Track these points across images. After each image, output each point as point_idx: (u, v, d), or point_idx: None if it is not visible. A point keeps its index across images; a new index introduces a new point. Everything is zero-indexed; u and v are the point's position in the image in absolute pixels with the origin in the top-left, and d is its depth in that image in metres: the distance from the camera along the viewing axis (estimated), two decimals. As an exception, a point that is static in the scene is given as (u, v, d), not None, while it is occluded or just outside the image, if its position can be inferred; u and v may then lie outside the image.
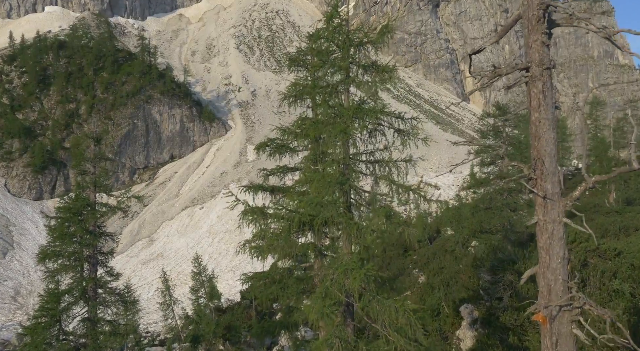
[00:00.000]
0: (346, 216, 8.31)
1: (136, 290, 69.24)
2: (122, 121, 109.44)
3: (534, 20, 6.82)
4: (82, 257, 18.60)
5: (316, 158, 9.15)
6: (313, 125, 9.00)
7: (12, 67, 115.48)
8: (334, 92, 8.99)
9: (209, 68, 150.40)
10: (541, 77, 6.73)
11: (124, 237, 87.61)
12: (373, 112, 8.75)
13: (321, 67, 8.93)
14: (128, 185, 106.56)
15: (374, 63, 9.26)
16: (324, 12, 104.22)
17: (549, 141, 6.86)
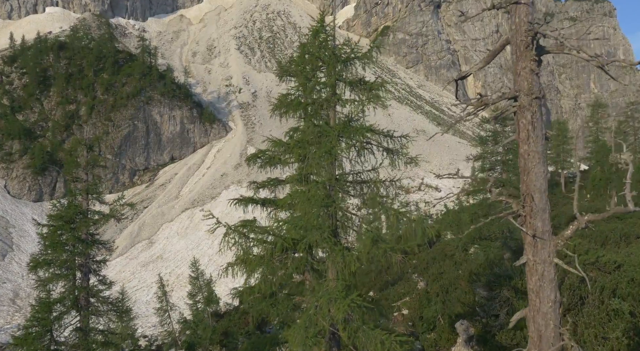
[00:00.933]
0: (331, 241, 8.00)
1: (135, 293, 69.16)
2: (122, 122, 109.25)
3: (522, 47, 6.51)
4: (74, 265, 18.34)
5: (302, 177, 8.84)
6: (297, 144, 8.72)
7: (12, 68, 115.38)
8: (319, 110, 8.69)
9: (209, 69, 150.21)
10: (530, 107, 6.41)
11: (124, 238, 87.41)
12: (360, 131, 8.42)
13: (306, 84, 8.63)
14: (128, 187, 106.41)
15: (362, 80, 8.95)
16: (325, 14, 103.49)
17: (539, 175, 6.51)
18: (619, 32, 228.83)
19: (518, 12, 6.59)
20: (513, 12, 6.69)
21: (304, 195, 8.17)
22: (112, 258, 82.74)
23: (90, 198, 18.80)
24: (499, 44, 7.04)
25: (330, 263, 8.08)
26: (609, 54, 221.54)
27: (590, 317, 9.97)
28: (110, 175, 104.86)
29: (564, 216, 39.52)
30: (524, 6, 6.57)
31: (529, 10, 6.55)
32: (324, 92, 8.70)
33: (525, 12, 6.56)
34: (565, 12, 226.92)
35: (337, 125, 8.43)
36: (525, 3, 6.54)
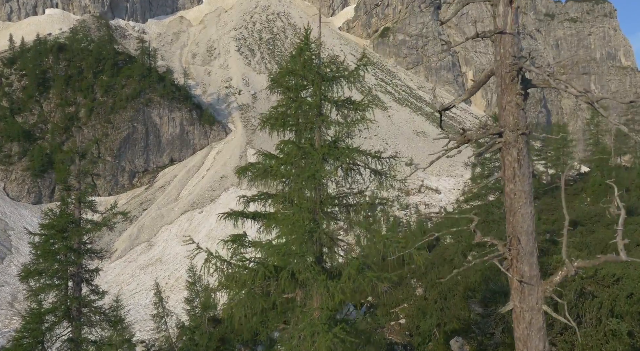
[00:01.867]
0: (314, 270, 7.72)
1: (133, 297, 68.91)
2: (121, 124, 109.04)
3: (508, 79, 6.24)
4: (66, 275, 18.11)
5: (286, 200, 8.58)
6: (277, 167, 8.46)
7: (12, 70, 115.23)
8: (304, 130, 8.43)
9: (209, 70, 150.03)
10: (516, 143, 6.13)
11: (123, 241, 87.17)
12: (346, 153, 8.15)
13: (290, 104, 8.37)
14: (127, 189, 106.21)
15: (348, 99, 8.68)
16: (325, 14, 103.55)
17: (526, 217, 6.23)
18: (619, 33, 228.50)
19: (503, 42, 6.31)
20: (497, 43, 6.40)
21: (288, 220, 7.91)
22: (111, 261, 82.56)
23: (82, 207, 18.57)
24: (484, 75, 6.76)
25: (314, 292, 7.81)
26: (609, 55, 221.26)
27: (587, 338, 9.72)
28: (109, 177, 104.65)
29: (564, 220, 39.37)
30: (509, 36, 6.29)
31: (514, 40, 6.26)
32: (309, 112, 8.42)
33: (511, 42, 6.27)
34: (566, 13, 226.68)
35: (322, 147, 8.16)
36: (510, 33, 6.25)
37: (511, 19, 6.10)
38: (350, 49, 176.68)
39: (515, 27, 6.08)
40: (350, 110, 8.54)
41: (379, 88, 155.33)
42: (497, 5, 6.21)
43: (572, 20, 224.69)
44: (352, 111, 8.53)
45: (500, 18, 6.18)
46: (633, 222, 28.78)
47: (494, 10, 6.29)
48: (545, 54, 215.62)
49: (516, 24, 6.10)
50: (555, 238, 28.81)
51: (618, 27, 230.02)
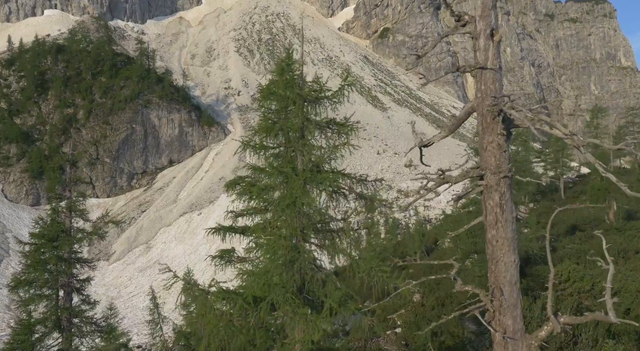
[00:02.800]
0: (294, 303, 7.44)
1: (131, 300, 68.61)
2: (120, 126, 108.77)
3: (489, 118, 5.96)
4: (57, 284, 17.85)
5: (266, 226, 8.30)
6: (258, 191, 8.19)
7: (10, 72, 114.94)
8: (284, 155, 8.15)
9: (208, 71, 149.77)
10: (498, 187, 5.84)
11: (121, 243, 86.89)
12: (329, 178, 7.87)
13: (271, 128, 8.09)
14: (126, 190, 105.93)
15: (332, 120, 8.41)
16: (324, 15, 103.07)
17: (509, 266, 5.90)
18: (619, 34, 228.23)
19: (483, 78, 6.02)
20: (478, 78, 6.11)
21: (268, 248, 7.65)
22: (109, 263, 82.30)
23: (73, 216, 18.31)
24: (464, 112, 6.48)
25: (295, 325, 7.52)
26: (609, 55, 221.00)
27: (583, 361, 9.48)
28: (108, 179, 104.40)
29: (563, 225, 39.03)
30: (490, 72, 6.00)
31: (495, 77, 5.97)
32: (290, 134, 8.15)
33: (492, 79, 5.98)
34: (566, 13, 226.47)
35: (304, 172, 7.88)
36: (491, 69, 5.96)
37: (493, 53, 5.81)
38: (349, 49, 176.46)
39: (497, 63, 5.79)
40: (334, 132, 8.26)
41: (378, 89, 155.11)
42: (478, 39, 5.93)
43: (572, 20, 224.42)
44: (335, 133, 8.25)
45: (480, 52, 5.90)
46: (632, 228, 28.52)
47: (474, 44, 6.01)
48: (545, 54, 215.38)
49: (498, 59, 5.81)
50: (554, 243, 28.55)
51: (618, 28, 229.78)
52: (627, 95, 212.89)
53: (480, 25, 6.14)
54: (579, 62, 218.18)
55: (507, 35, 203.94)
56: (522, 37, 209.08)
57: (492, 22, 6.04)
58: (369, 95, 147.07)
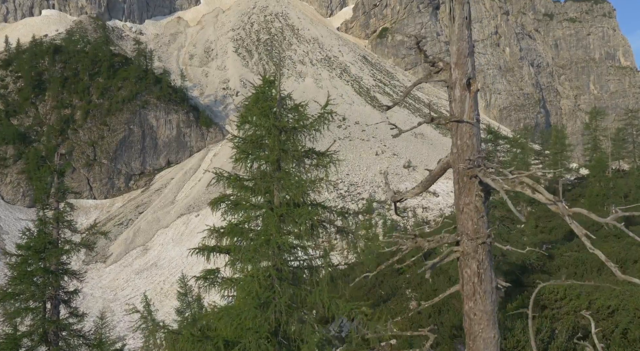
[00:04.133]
0: (267, 350, 7.06)
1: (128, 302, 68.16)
2: (117, 127, 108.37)
3: (465, 177, 5.55)
4: (44, 297, 17.47)
5: (241, 261, 7.92)
6: (230, 230, 7.82)
7: (7, 72, 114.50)
8: (259, 188, 7.76)
9: (206, 72, 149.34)
10: (476, 254, 5.45)
11: (118, 245, 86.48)
12: (307, 214, 7.46)
13: (245, 158, 7.71)
14: (124, 192, 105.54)
15: (311, 150, 8.03)
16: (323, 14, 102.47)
17: (488, 343, 5.47)
18: (618, 33, 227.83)
19: (459, 132, 5.60)
20: (454, 132, 5.69)
21: (242, 287, 7.27)
22: (106, 266, 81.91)
23: (60, 227, 17.94)
24: (439, 167, 6.09)
25: None
26: (608, 55, 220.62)
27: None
28: (105, 180, 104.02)
29: (562, 230, 38.68)
30: (467, 126, 5.57)
31: (472, 131, 5.55)
32: (266, 167, 7.77)
33: (469, 133, 5.57)
34: (565, 13, 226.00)
35: (280, 207, 7.49)
36: (468, 122, 5.54)
37: (469, 105, 5.39)
38: (348, 49, 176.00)
39: (474, 115, 5.35)
40: (312, 162, 7.87)
41: (377, 89, 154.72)
42: (453, 88, 5.52)
43: (571, 20, 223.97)
44: (313, 166, 7.86)
45: (456, 103, 5.47)
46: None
47: (449, 94, 5.61)
48: (544, 54, 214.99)
49: (475, 112, 5.39)
50: (552, 250, 28.22)
51: (617, 27, 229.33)
52: (626, 95, 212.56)
53: (456, 74, 5.69)
54: (578, 61, 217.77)
55: (506, 35, 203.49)
56: (521, 37, 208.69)
57: (469, 70, 5.62)
58: (368, 96, 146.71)
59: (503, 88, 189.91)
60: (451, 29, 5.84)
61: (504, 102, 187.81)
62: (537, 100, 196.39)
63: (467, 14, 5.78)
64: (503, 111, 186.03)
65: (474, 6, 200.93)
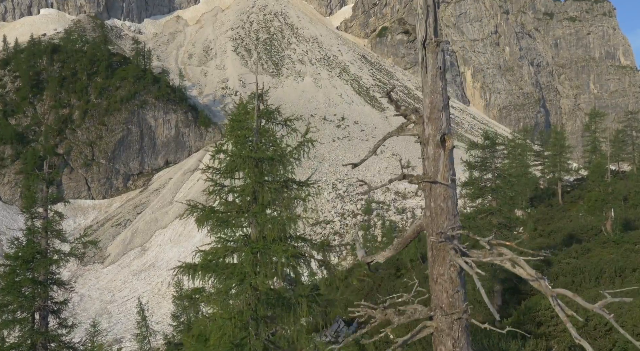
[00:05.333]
0: None
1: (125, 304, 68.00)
2: (116, 126, 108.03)
3: (439, 246, 5.21)
4: (32, 308, 17.17)
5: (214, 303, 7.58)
6: (204, 265, 7.51)
7: (5, 72, 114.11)
8: (235, 222, 7.43)
9: (205, 71, 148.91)
10: (451, 331, 5.11)
11: (116, 246, 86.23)
12: (283, 250, 7.10)
13: (219, 191, 7.38)
14: (122, 192, 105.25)
15: (290, 180, 7.68)
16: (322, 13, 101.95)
17: None
18: (618, 32, 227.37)
19: (433, 194, 5.24)
20: (427, 193, 5.31)
21: (216, 328, 6.95)
22: (104, 267, 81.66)
23: (49, 237, 17.63)
24: (412, 230, 5.74)
25: None
26: (608, 54, 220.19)
27: None
28: (103, 180, 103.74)
29: (561, 233, 38.38)
30: (441, 188, 5.20)
31: (447, 193, 5.18)
32: (243, 198, 7.43)
33: (444, 195, 5.21)
34: (565, 12, 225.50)
35: (256, 243, 7.16)
36: (443, 184, 5.18)
37: (444, 164, 5.02)
38: (347, 48, 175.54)
39: (448, 175, 4.97)
40: (292, 194, 7.52)
41: (376, 88, 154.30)
42: (426, 145, 5.16)
43: (571, 19, 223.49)
44: (292, 198, 7.50)
45: (429, 162, 5.11)
46: (630, 240, 27.84)
47: (422, 150, 5.25)
48: (544, 53, 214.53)
49: (450, 171, 5.01)
50: (550, 257, 27.90)
51: (617, 26, 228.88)
52: (626, 94, 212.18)
53: (429, 130, 5.29)
54: (578, 61, 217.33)
55: (506, 34, 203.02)
56: (521, 36, 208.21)
57: (443, 125, 5.24)
58: (367, 95, 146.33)
59: (503, 87, 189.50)
60: (423, 79, 5.44)
61: (503, 101, 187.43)
62: (536, 100, 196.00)
63: (441, 63, 5.41)
64: (503, 110, 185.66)
65: (474, 5, 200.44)
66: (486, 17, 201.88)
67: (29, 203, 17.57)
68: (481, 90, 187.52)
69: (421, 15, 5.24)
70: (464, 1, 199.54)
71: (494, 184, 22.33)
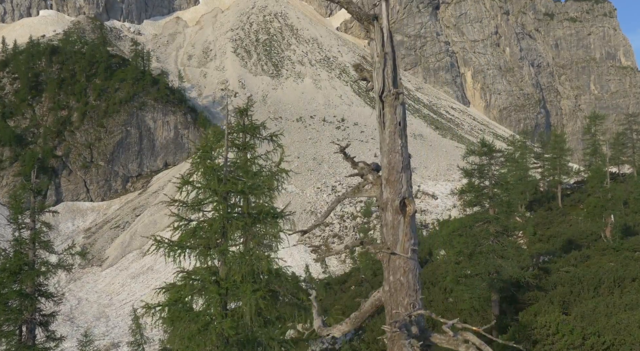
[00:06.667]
0: None
1: (123, 307, 67.65)
2: (115, 128, 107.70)
3: (394, 336, 4.82)
4: (19, 321, 16.86)
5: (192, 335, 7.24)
6: (167, 305, 7.17)
7: (4, 73, 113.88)
8: (204, 258, 7.09)
9: (205, 72, 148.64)
10: None
11: (114, 248, 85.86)
12: (251, 294, 6.71)
13: (186, 226, 7.03)
14: (121, 194, 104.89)
15: (262, 212, 7.31)
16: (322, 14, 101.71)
17: None
18: (619, 33, 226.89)
19: (392, 266, 4.83)
20: (386, 265, 4.89)
21: None
22: (102, 269, 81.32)
23: (37, 248, 17.32)
24: (369, 304, 5.38)
25: None
26: (609, 54, 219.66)
27: None
28: (102, 183, 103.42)
29: (560, 238, 38.02)
30: (401, 259, 4.72)
31: (408, 266, 4.70)
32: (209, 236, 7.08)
33: (404, 268, 4.75)
34: (565, 12, 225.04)
35: (225, 281, 6.79)
36: (404, 256, 4.72)
37: (404, 232, 4.61)
38: (347, 49, 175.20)
39: (409, 246, 4.54)
40: (262, 229, 7.16)
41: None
42: (385, 211, 4.71)
43: (571, 19, 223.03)
44: (262, 235, 7.14)
45: (388, 229, 4.68)
46: (629, 247, 27.51)
47: (380, 216, 4.81)
48: (545, 54, 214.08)
49: (412, 240, 4.58)
50: (549, 264, 27.56)
51: (618, 27, 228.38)
52: (627, 95, 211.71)
53: (387, 193, 4.74)
54: (579, 61, 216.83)
55: (507, 34, 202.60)
56: (522, 37, 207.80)
57: (403, 189, 4.79)
58: (367, 97, 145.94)
59: (503, 88, 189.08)
60: (381, 136, 4.90)
61: (504, 102, 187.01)
62: (537, 101, 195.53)
63: (400, 118, 4.85)
64: (503, 111, 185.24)
65: (474, 6, 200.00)
66: (486, 17, 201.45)
67: (16, 213, 17.28)
68: (481, 91, 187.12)
69: (378, 64, 4.76)
70: (464, 2, 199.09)
71: (491, 192, 21.99)
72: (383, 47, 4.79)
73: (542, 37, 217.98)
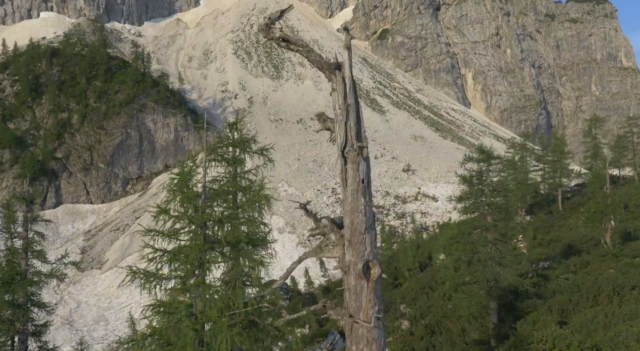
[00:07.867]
0: None
1: (122, 311, 67.57)
2: (115, 130, 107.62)
3: None
4: (11, 332, 16.68)
5: None
6: (140, 340, 6.96)
7: (4, 75, 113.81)
8: (179, 290, 6.90)
9: (205, 74, 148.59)
10: None
11: (114, 251, 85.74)
12: (232, 326, 6.48)
13: (161, 257, 6.84)
14: (121, 196, 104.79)
15: (243, 239, 7.12)
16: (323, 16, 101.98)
17: None
18: (620, 34, 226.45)
19: (355, 335, 4.52)
20: (348, 333, 4.57)
21: None
22: (102, 272, 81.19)
23: (29, 258, 17.16)
24: None
25: None
26: (610, 55, 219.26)
27: None
28: (102, 185, 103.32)
29: (560, 243, 37.79)
30: (364, 328, 4.35)
31: (372, 335, 4.34)
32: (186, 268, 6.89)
33: (367, 338, 4.38)
34: (566, 13, 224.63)
35: (200, 317, 6.58)
36: (367, 325, 4.36)
37: (368, 299, 4.25)
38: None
39: (373, 313, 4.20)
40: (241, 261, 6.96)
41: (376, 91, 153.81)
42: (347, 274, 4.36)
43: (572, 20, 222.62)
44: (241, 266, 6.93)
45: (350, 295, 4.30)
46: (629, 253, 27.31)
47: (343, 279, 4.52)
48: (546, 55, 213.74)
49: (376, 307, 4.24)
50: (548, 271, 27.36)
51: (619, 28, 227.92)
52: (628, 96, 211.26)
53: (350, 256, 4.29)
54: (580, 62, 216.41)
55: (507, 36, 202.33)
56: (523, 38, 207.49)
57: (366, 251, 4.42)
58: (367, 98, 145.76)
59: (504, 89, 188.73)
60: (344, 194, 4.46)
61: (504, 103, 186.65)
62: (538, 102, 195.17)
63: (364, 174, 4.39)
64: (504, 113, 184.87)
65: (475, 7, 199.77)
66: (487, 19, 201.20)
67: (8, 222, 17.12)
68: (482, 92, 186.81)
69: (340, 117, 4.45)
70: (465, 3, 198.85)
71: (489, 199, 21.79)
72: (345, 98, 4.52)
73: (543, 38, 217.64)
